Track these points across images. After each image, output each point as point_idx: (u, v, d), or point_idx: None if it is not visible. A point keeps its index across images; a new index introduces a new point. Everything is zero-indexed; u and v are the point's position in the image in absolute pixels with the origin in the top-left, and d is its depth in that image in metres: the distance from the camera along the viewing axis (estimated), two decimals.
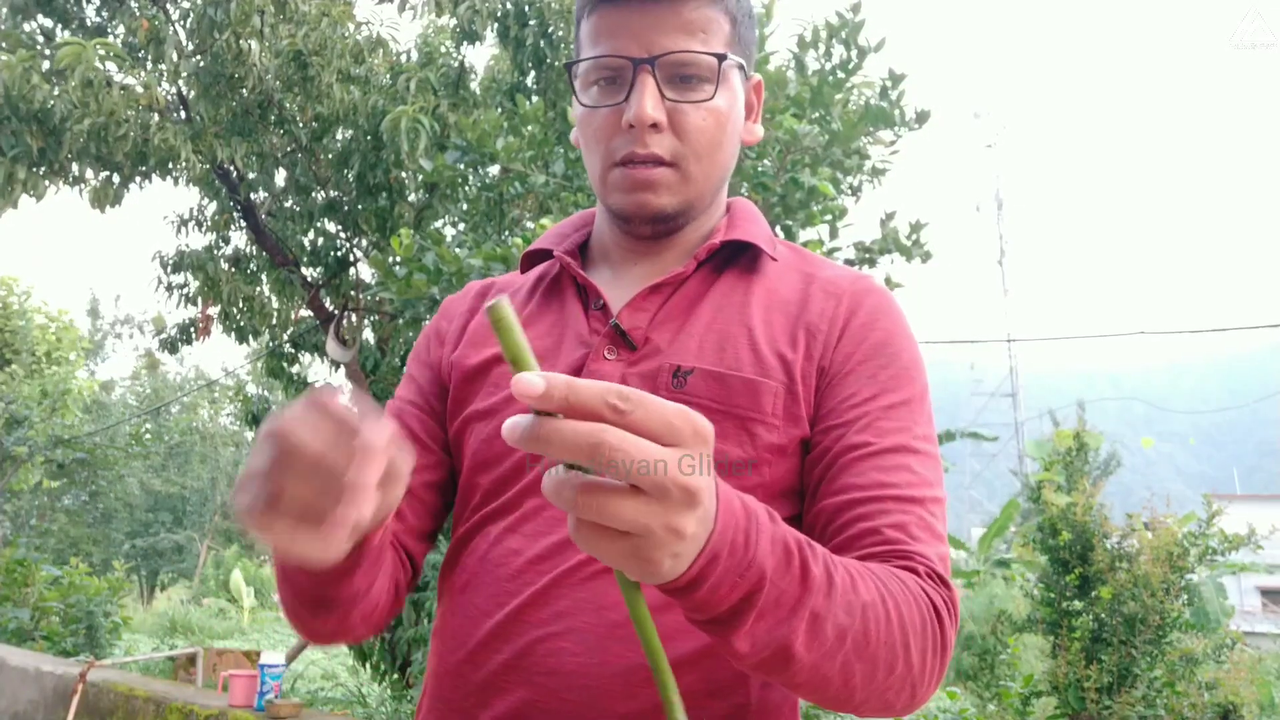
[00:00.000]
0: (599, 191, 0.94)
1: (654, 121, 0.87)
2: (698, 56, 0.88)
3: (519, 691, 0.80)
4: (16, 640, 7.95)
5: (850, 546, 0.78)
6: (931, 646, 0.71)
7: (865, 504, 0.79)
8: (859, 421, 0.84)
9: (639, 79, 0.87)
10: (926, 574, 0.76)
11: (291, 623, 0.84)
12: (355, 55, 5.94)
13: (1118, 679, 4.51)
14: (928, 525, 0.80)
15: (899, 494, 0.80)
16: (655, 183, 0.89)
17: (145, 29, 5.81)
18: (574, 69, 0.94)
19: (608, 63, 0.89)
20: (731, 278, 0.94)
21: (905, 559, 0.76)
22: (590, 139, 0.93)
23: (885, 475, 0.81)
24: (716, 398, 0.84)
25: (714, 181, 0.94)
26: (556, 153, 4.21)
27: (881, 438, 0.83)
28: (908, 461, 0.82)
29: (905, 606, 0.69)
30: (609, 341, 0.89)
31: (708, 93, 0.89)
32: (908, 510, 0.79)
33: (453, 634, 0.86)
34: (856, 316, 0.90)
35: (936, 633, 0.72)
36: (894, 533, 0.77)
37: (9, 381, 14.25)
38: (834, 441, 0.83)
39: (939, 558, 0.78)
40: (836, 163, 4.08)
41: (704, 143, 0.90)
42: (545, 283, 1.00)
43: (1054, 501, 4.97)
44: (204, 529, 22.96)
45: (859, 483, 0.80)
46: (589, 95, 0.92)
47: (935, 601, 0.73)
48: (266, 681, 4.26)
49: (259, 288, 7.34)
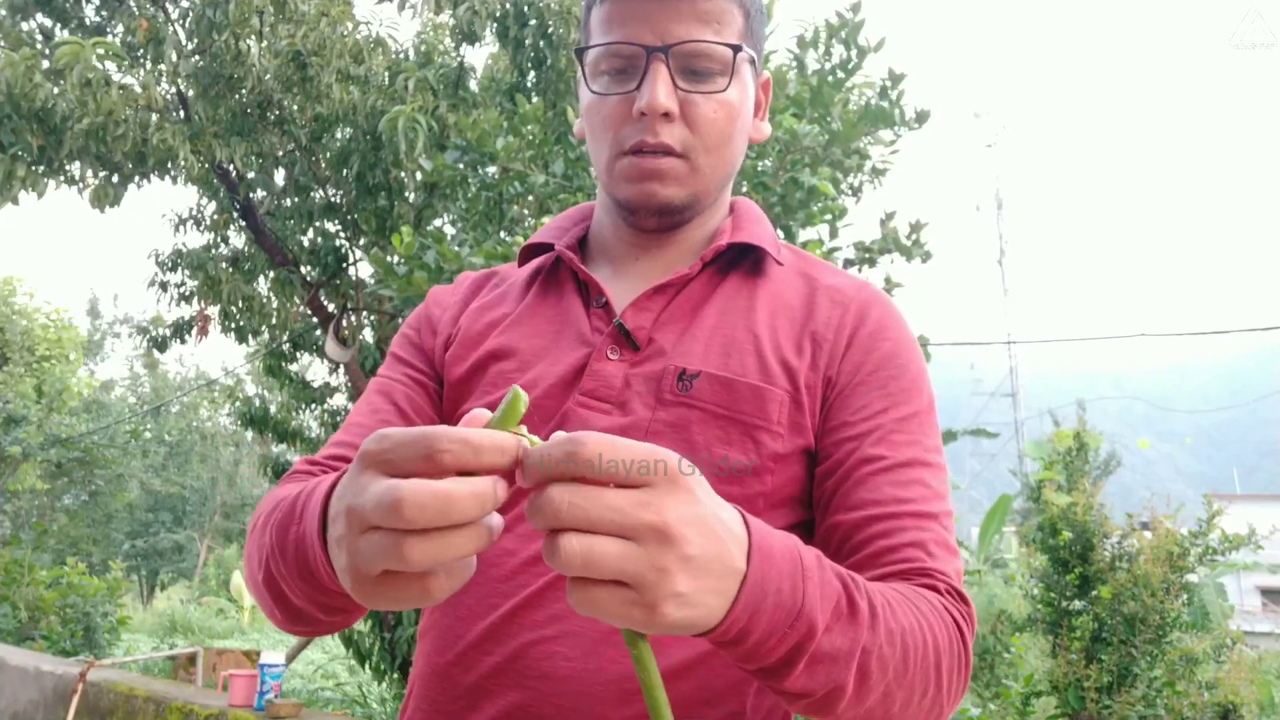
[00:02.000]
0: (604, 181, 0.92)
1: (666, 110, 0.85)
2: (712, 47, 0.86)
3: (510, 695, 0.78)
4: (16, 640, 7.95)
5: (869, 564, 0.78)
6: (958, 665, 0.72)
7: (883, 520, 0.79)
8: (872, 435, 0.83)
9: (652, 67, 0.85)
10: (947, 591, 0.76)
11: (291, 626, 0.79)
12: (354, 55, 5.94)
13: (1118, 679, 4.51)
14: (943, 541, 0.80)
15: (915, 510, 0.80)
16: (664, 173, 0.88)
17: (144, 29, 5.81)
18: (584, 55, 0.91)
19: (620, 49, 0.87)
20: (736, 280, 0.93)
21: (926, 576, 0.76)
22: (598, 127, 0.91)
23: (901, 490, 0.80)
24: (722, 403, 0.83)
25: (721, 176, 0.92)
26: (556, 153, 4.21)
27: (895, 451, 0.82)
28: (922, 475, 0.82)
29: (938, 628, 0.70)
30: (612, 341, 0.88)
31: (721, 85, 0.87)
32: (925, 527, 0.79)
33: (441, 635, 0.84)
34: (864, 326, 0.89)
35: (961, 651, 0.73)
36: (913, 550, 0.77)
37: (8, 381, 14.25)
38: (847, 455, 0.83)
39: (956, 573, 0.79)
40: (836, 163, 4.08)
41: (715, 135, 0.88)
42: (543, 276, 0.98)
43: (1054, 501, 4.97)
44: (204, 529, 22.95)
45: (875, 498, 0.80)
46: (599, 82, 0.90)
47: (958, 619, 0.74)
48: (266, 681, 4.26)
49: (258, 287, 7.34)
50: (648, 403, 0.84)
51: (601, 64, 0.89)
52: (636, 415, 0.84)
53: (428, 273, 3.77)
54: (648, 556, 0.50)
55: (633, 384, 0.85)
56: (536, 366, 0.89)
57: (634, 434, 0.82)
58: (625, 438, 0.52)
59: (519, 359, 0.90)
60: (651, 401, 0.84)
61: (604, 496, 0.49)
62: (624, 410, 0.84)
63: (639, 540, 0.50)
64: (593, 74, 0.90)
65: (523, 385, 0.87)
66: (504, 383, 0.88)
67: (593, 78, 0.90)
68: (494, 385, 0.89)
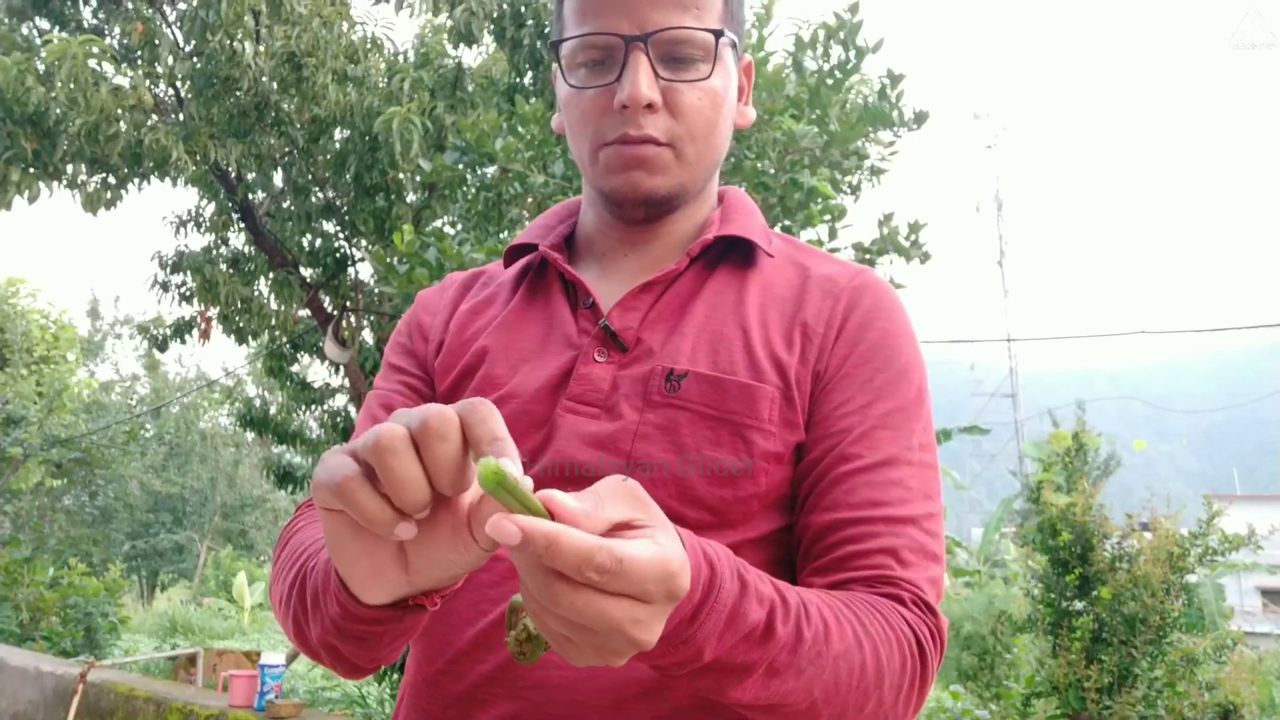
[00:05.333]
0: (588, 174, 0.89)
1: (649, 102, 0.82)
2: (693, 33, 0.83)
3: (503, 704, 0.76)
4: (17, 641, 7.95)
5: (836, 569, 0.76)
6: (909, 682, 0.72)
7: (854, 525, 0.77)
8: (852, 432, 0.81)
9: (631, 58, 0.82)
10: (913, 602, 0.75)
11: (320, 658, 0.77)
12: (350, 55, 5.94)
13: (1118, 679, 4.51)
14: (919, 547, 0.78)
15: (890, 514, 0.78)
16: (649, 161, 0.85)
17: (139, 31, 5.80)
18: (559, 48, 0.88)
19: (596, 40, 0.84)
20: (725, 274, 0.90)
21: (891, 586, 0.75)
22: (577, 122, 0.87)
23: (877, 492, 0.78)
24: (711, 403, 0.81)
25: (708, 165, 0.89)
26: (555, 153, 4.21)
27: (875, 450, 0.80)
28: (901, 476, 0.80)
29: (884, 648, 0.70)
30: (599, 343, 0.85)
31: (704, 71, 0.85)
32: (899, 532, 0.77)
33: (431, 642, 0.82)
34: (853, 316, 0.86)
35: (916, 668, 0.72)
36: (883, 558, 0.76)
37: (8, 382, 14.25)
38: (825, 453, 0.81)
39: (929, 582, 0.77)
40: (835, 163, 4.08)
41: (700, 124, 0.85)
42: (530, 277, 0.95)
43: (1053, 502, 4.96)
44: (204, 529, 22.94)
45: (849, 500, 0.78)
46: (576, 75, 0.86)
47: (919, 635, 0.73)
48: (267, 682, 4.26)
49: (257, 289, 7.33)
50: (636, 405, 0.82)
51: (578, 56, 0.86)
52: (625, 419, 0.82)
53: (429, 270, 3.76)
54: (608, 642, 0.52)
55: (621, 386, 0.83)
56: (523, 370, 0.87)
57: (623, 438, 0.81)
58: (644, 509, 0.55)
59: (506, 363, 0.88)
60: (639, 404, 0.82)
61: (605, 609, 0.50)
62: (612, 414, 0.82)
63: (608, 636, 0.52)
64: (569, 67, 0.87)
65: (509, 390, 0.86)
66: (491, 388, 0.87)
67: (569, 71, 0.87)
68: (481, 391, 0.87)
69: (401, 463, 0.52)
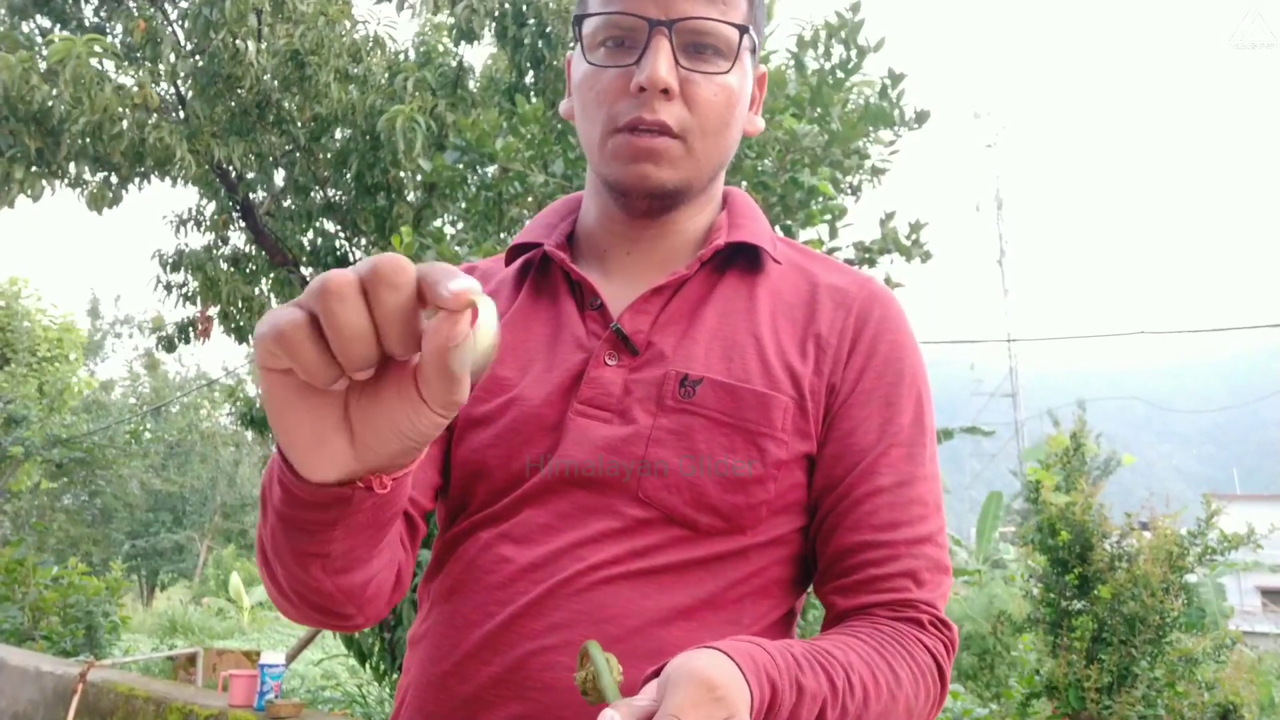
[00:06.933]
0: (595, 160, 0.89)
1: (666, 86, 0.82)
2: (718, 25, 0.83)
3: (511, 706, 0.76)
4: (16, 640, 7.95)
5: (860, 591, 0.81)
6: (932, 706, 0.77)
7: (876, 548, 0.81)
8: (871, 451, 0.83)
9: (654, 41, 0.82)
10: (930, 623, 0.79)
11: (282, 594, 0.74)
12: (353, 54, 5.94)
13: (1118, 679, 4.51)
14: (934, 563, 0.82)
15: (910, 535, 0.81)
16: (658, 153, 0.84)
17: (142, 29, 5.80)
18: (581, 23, 0.87)
19: (621, 20, 0.84)
20: (734, 279, 0.90)
21: (912, 610, 0.79)
22: (591, 101, 0.86)
23: (898, 513, 0.82)
24: (726, 410, 0.81)
25: (715, 163, 0.89)
26: (556, 153, 4.21)
27: (893, 468, 0.83)
28: (920, 493, 0.83)
29: (911, 687, 0.74)
30: (609, 346, 0.85)
31: (723, 66, 0.85)
32: (917, 553, 0.81)
33: (437, 643, 0.82)
34: (866, 329, 0.87)
35: (936, 691, 0.77)
36: (903, 580, 0.80)
37: (9, 381, 14.25)
38: (846, 471, 0.83)
39: (943, 596, 0.82)
40: (836, 163, 4.07)
41: (713, 118, 0.85)
42: (532, 276, 0.94)
43: (1053, 501, 4.96)
44: (204, 529, 22.95)
45: (872, 522, 0.81)
46: (596, 54, 0.86)
47: (938, 657, 0.78)
48: (266, 681, 4.25)
49: (258, 288, 7.33)
50: (649, 410, 0.82)
51: (600, 34, 0.85)
52: (638, 423, 0.82)
53: None
54: None
55: (633, 390, 0.83)
56: (532, 371, 0.87)
57: (635, 442, 0.81)
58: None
59: (513, 364, 0.87)
60: (653, 408, 0.82)
61: None
62: (624, 418, 0.82)
63: None
64: (590, 44, 0.86)
65: (519, 393, 0.85)
66: (499, 388, 0.86)
67: (590, 48, 0.86)
68: (487, 391, 0.86)
69: (347, 309, 0.48)
